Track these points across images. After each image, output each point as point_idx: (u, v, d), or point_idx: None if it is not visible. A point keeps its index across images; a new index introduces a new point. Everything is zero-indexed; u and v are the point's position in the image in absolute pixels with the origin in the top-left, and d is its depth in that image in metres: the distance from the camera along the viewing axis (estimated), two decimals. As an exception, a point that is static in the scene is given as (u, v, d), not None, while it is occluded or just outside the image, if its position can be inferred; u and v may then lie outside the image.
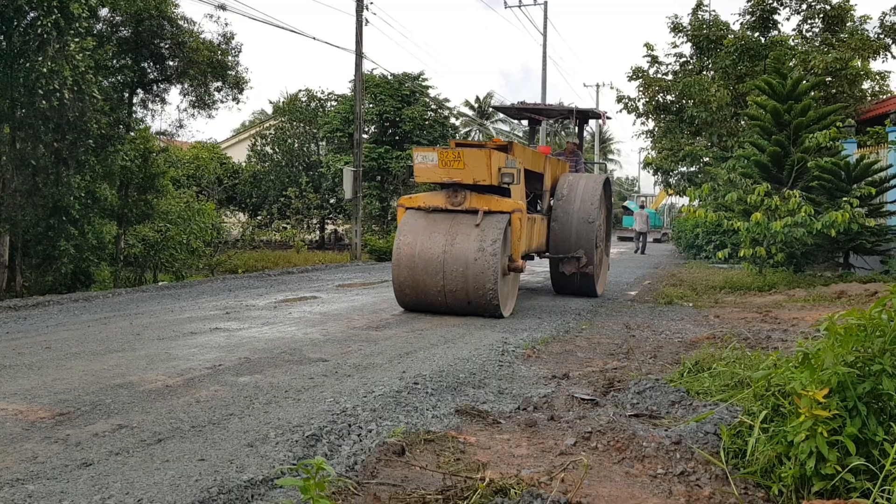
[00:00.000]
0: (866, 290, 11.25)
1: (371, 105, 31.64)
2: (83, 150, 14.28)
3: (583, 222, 11.72)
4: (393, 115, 31.43)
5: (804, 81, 14.91)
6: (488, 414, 4.96)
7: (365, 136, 31.23)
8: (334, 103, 35.26)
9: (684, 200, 49.58)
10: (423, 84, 33.01)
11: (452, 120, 36.68)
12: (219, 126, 70.58)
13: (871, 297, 10.61)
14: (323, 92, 36.61)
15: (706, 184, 14.31)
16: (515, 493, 3.44)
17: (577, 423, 4.70)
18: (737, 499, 3.60)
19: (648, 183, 72.08)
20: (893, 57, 20.28)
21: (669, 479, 3.85)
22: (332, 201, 33.73)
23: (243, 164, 36.08)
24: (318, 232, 35.47)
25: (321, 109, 35.93)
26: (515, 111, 14.17)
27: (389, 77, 31.66)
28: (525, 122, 15.74)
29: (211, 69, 16.31)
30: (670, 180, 30.74)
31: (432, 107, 33.45)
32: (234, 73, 17.13)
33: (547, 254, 12.14)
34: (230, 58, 16.84)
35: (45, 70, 12.92)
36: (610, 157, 68.93)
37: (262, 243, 30.78)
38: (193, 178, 29.03)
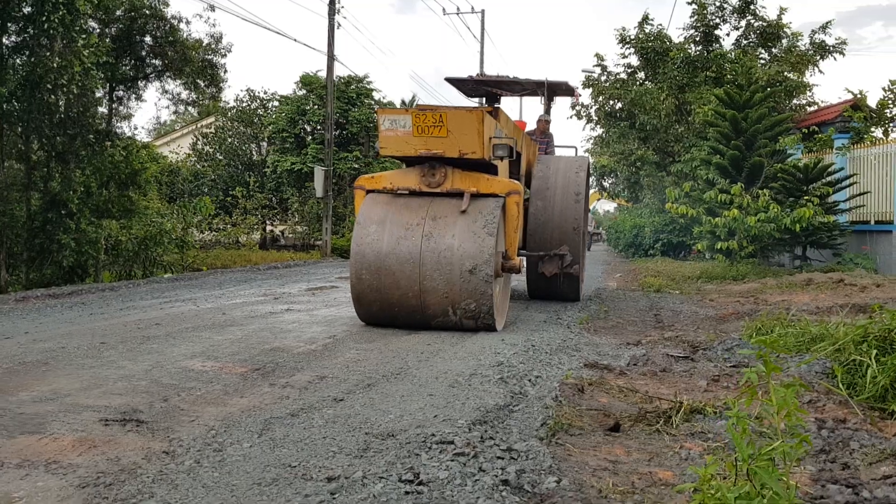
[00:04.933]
0: (830, 278, 12.64)
1: (317, 107, 32.11)
2: (82, 146, 14.43)
3: (566, 214, 10.09)
4: (339, 116, 31.97)
5: (759, 93, 16.45)
6: (612, 367, 5.83)
7: (311, 137, 31.93)
8: (276, 104, 35.49)
9: (611, 204, 51.92)
10: (368, 87, 33.70)
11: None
12: (137, 122, 69.08)
13: (836, 283, 12.00)
14: (266, 92, 36.80)
15: (686, 182, 15.66)
16: (712, 410, 4.34)
17: (694, 371, 5.63)
18: (861, 415, 4.59)
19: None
20: (821, 72, 22.30)
21: (803, 406, 4.81)
22: (275, 201, 34.02)
23: (178, 162, 35.90)
24: (259, 232, 35.59)
25: (263, 109, 36.10)
26: (472, 84, 11.58)
27: (336, 79, 32.22)
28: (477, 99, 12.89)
29: (200, 68, 16.65)
30: (604, 184, 32.57)
31: (376, 108, 34.14)
32: (220, 71, 17.52)
33: (523, 251, 10.21)
34: (218, 58, 17.22)
35: (54, 65, 13.10)
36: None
37: (205, 242, 30.79)
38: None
